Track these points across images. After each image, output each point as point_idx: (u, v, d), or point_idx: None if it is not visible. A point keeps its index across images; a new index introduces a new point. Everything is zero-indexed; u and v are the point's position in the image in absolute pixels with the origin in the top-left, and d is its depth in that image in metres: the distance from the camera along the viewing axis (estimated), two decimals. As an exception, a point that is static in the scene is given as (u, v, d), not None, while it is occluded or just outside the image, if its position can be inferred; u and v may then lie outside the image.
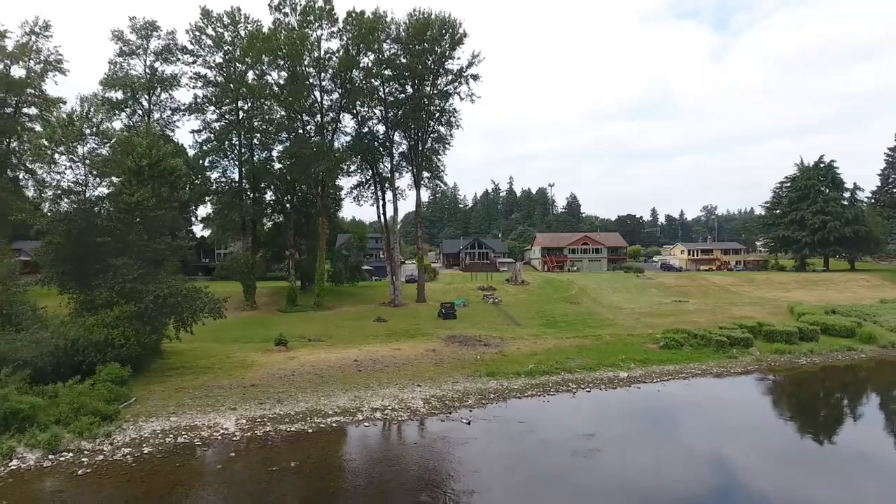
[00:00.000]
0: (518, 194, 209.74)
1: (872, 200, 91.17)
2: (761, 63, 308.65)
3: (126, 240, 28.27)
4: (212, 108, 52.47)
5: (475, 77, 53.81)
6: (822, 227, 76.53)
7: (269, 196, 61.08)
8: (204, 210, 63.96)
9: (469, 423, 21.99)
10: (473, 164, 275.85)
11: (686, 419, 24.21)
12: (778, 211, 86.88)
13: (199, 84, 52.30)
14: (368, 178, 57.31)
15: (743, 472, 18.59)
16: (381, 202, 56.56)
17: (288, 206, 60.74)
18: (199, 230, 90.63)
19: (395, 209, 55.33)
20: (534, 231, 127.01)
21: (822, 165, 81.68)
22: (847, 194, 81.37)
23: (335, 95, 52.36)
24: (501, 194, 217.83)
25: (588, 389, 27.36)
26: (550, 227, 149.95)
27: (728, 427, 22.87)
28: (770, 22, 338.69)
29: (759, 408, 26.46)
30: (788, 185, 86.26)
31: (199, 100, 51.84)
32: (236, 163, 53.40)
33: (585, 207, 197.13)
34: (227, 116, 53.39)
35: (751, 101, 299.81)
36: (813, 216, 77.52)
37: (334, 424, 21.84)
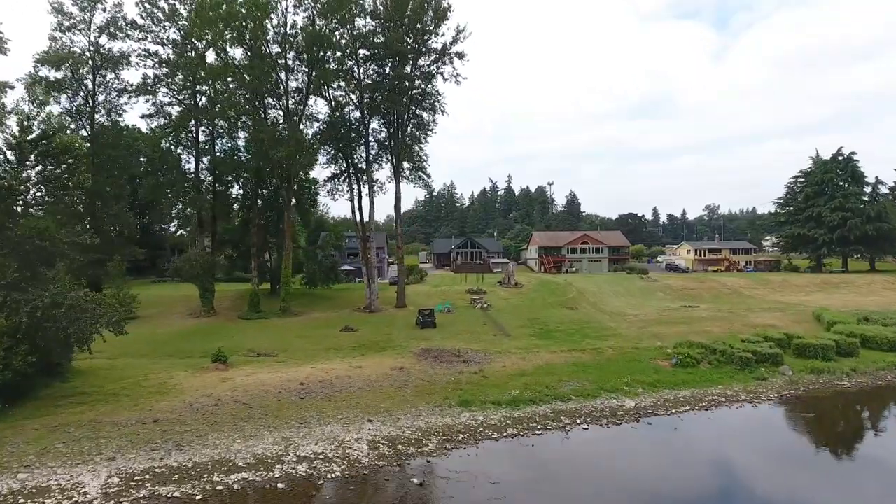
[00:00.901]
0: (517, 193, 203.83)
1: (890, 197, 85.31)
2: (761, 63, 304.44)
3: (6, 235, 22.46)
4: (164, 89, 46.67)
5: (460, 55, 48.17)
6: (841, 225, 70.61)
7: (235, 190, 55.65)
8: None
9: (421, 484, 16.16)
10: (473, 164, 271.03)
11: (722, 481, 18.27)
12: (791, 208, 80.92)
13: (151, 63, 46.50)
14: (343, 169, 51.60)
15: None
16: (356, 196, 50.85)
17: (259, 201, 55.14)
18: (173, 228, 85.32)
19: (372, 203, 49.59)
20: (532, 230, 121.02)
21: (840, 158, 75.73)
22: (868, 189, 75.37)
23: (302, 76, 46.65)
24: (500, 193, 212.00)
25: (585, 425, 21.48)
26: (550, 227, 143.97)
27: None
28: (770, 22, 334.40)
29: (818, 458, 20.52)
30: (803, 179, 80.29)
31: (149, 80, 46.03)
32: (192, 152, 47.64)
33: (586, 206, 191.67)
34: (183, 101, 47.67)
35: (751, 101, 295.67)
36: (831, 213, 71.61)
37: (237, 486, 15.99)
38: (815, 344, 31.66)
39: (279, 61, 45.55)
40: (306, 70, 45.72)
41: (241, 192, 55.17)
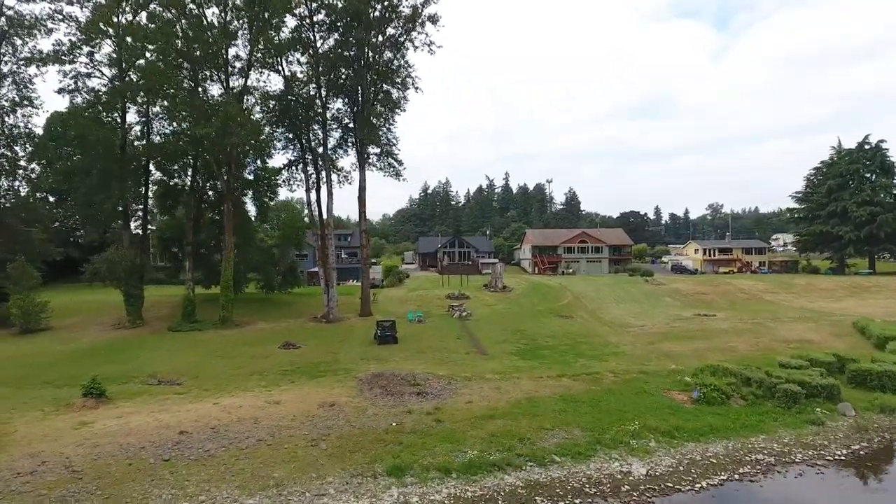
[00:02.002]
0: (514, 191, 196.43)
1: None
2: (761, 63, 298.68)
3: None
4: (84, 58, 39.35)
5: (434, 19, 40.92)
6: (869, 221, 63.17)
7: (184, 181, 48.31)
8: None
9: None
10: (471, 163, 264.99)
11: None
12: (811, 203, 73.33)
13: (67, 28, 39.23)
14: (299, 155, 44.47)
15: None
16: (315, 186, 43.61)
17: (211, 192, 47.95)
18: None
19: (330, 194, 42.30)
20: (526, 228, 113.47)
21: (867, 147, 68.16)
22: (900, 181, 67.80)
23: (243, 41, 39.44)
24: (497, 191, 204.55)
25: (573, 513, 14.16)
26: (548, 225, 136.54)
27: None
28: (770, 22, 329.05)
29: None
30: (824, 171, 72.76)
31: (63, 47, 38.67)
32: (118, 133, 40.34)
33: (585, 206, 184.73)
34: (114, 79, 40.41)
35: (751, 101, 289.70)
36: (858, 208, 64.14)
37: None
38: (879, 370, 24.31)
39: (217, 29, 38.35)
40: (247, 34, 38.45)
41: (189, 183, 47.91)
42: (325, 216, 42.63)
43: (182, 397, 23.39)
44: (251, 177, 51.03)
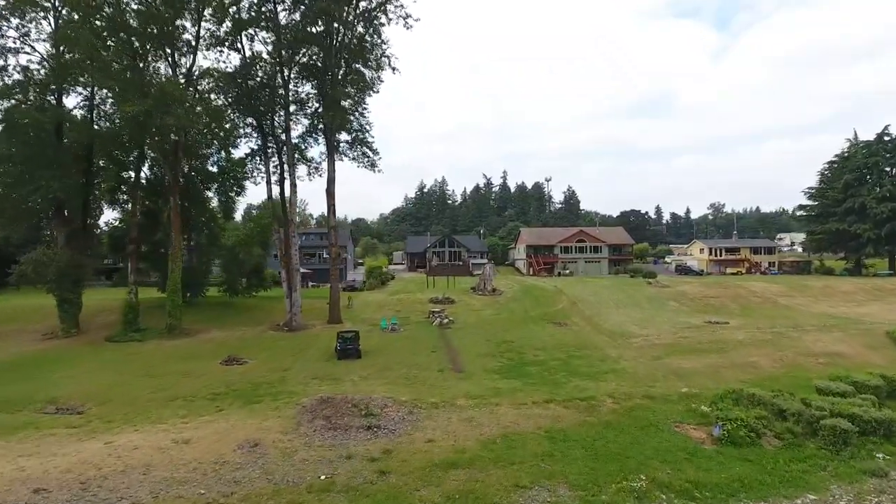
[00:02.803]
0: (512, 190, 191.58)
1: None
2: (761, 63, 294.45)
3: None
4: (13, 32, 34.72)
5: (409, -13, 36.08)
6: (891, 218, 58.41)
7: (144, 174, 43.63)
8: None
9: None
10: (469, 162, 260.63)
11: None
12: (826, 199, 68.51)
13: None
14: (260, 143, 39.82)
15: None
16: (280, 178, 38.94)
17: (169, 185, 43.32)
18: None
19: (293, 185, 37.62)
20: (521, 227, 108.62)
21: (886, 139, 63.38)
22: (922, 175, 63.08)
23: (191, 14, 34.67)
24: (494, 189, 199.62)
25: None
26: (546, 224, 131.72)
27: None
28: (770, 22, 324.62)
29: None
30: (838, 165, 67.97)
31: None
32: (49, 116, 35.58)
33: (585, 205, 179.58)
34: (47, 59, 35.71)
35: (751, 101, 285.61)
36: (878, 204, 59.48)
37: None
38: (944, 398, 19.55)
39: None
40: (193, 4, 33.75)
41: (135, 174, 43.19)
42: (287, 211, 37.89)
43: (72, 433, 18.65)
44: (215, 169, 46.58)
